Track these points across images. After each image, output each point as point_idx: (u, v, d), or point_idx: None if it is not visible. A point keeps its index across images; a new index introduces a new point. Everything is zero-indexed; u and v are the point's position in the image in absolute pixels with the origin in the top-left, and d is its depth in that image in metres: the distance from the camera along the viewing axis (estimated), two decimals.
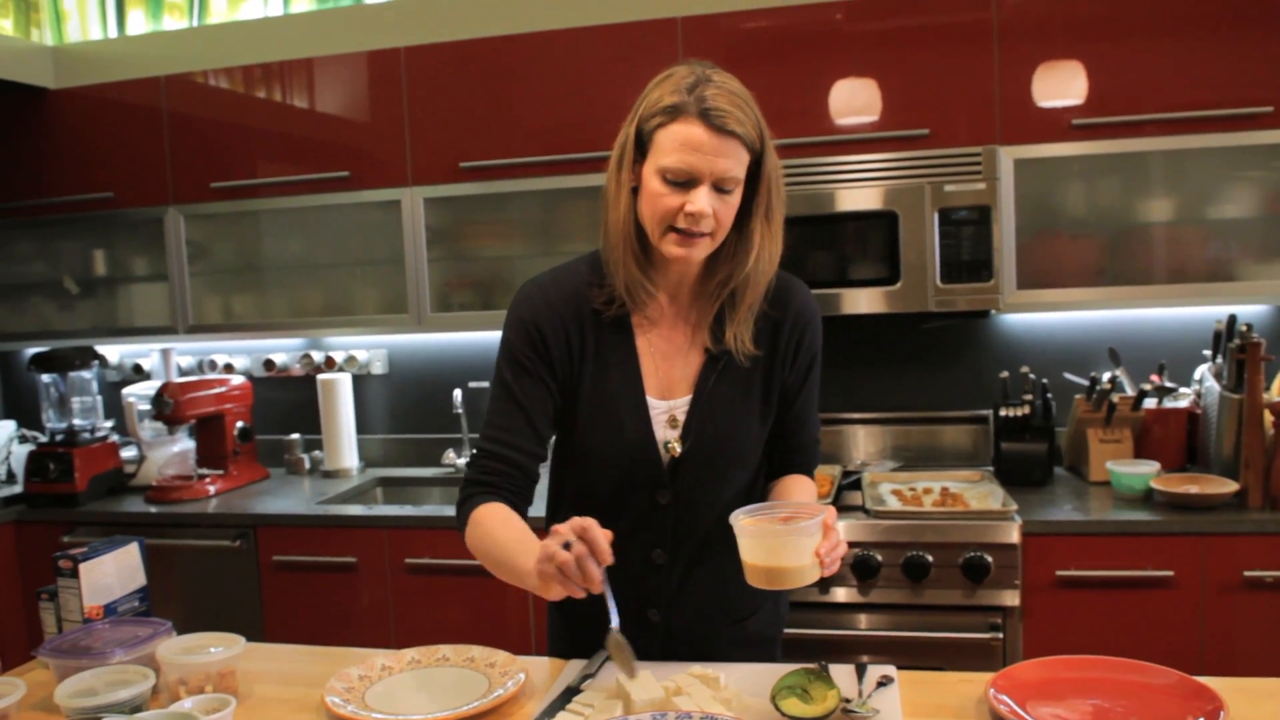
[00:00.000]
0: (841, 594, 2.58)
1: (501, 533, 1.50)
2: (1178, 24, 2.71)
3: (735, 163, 1.44)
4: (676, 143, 1.43)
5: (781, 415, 1.66)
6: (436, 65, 3.14)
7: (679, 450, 1.57)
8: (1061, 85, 2.77)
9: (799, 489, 1.66)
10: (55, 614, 1.77)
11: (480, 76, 3.11)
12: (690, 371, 1.60)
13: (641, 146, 1.49)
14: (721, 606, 1.67)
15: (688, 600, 1.64)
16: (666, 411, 1.59)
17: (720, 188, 1.45)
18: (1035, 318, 3.15)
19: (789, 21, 2.91)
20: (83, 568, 1.73)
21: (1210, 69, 2.69)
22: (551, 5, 3.23)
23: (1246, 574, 2.42)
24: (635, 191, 1.51)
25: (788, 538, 1.36)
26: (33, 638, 3.14)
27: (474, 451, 1.63)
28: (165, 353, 3.65)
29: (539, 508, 1.68)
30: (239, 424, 3.43)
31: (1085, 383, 2.94)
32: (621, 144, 1.51)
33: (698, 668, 1.50)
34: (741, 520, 1.38)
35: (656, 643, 1.65)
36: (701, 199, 1.43)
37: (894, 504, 2.66)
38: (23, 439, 3.53)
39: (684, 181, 1.44)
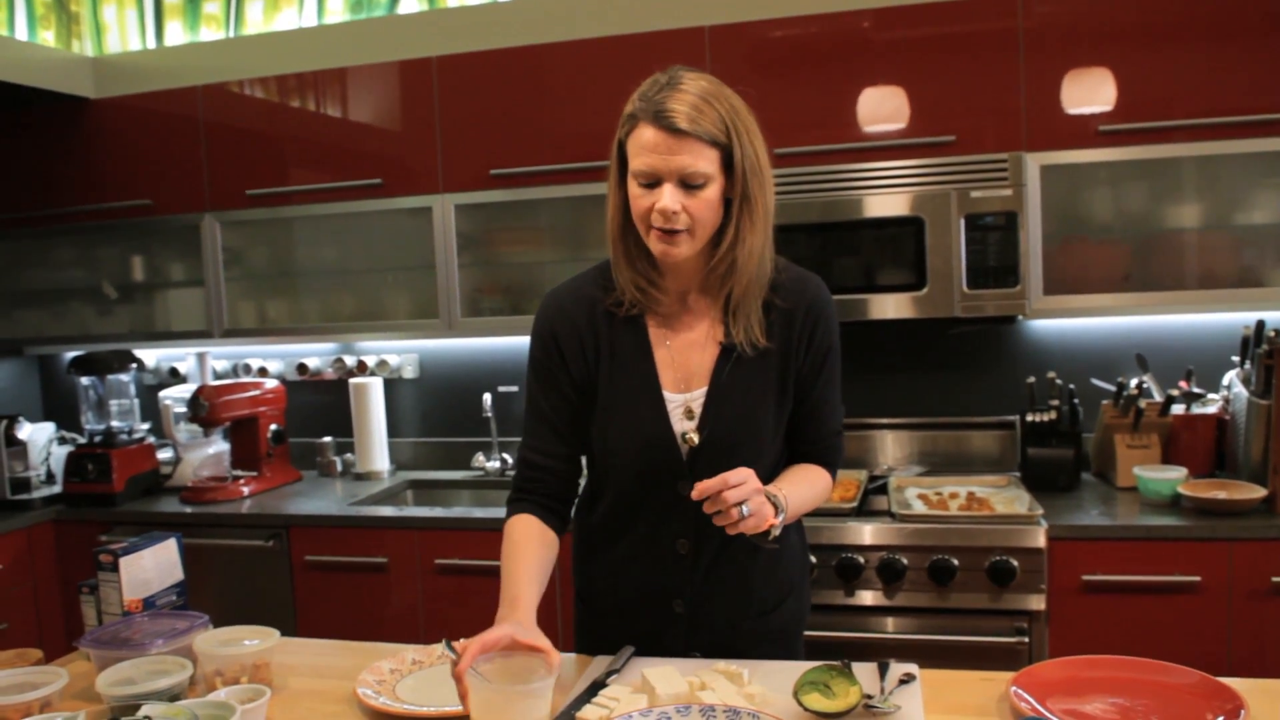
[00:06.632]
0: (868, 597, 2.59)
1: (507, 564, 1.59)
2: (1205, 30, 2.70)
3: (695, 159, 1.48)
4: (638, 147, 1.51)
5: (798, 407, 1.69)
6: (467, 74, 3.19)
7: (696, 440, 1.61)
8: (1088, 92, 2.77)
9: (803, 476, 1.68)
10: (96, 607, 1.82)
11: (510, 85, 3.16)
12: (706, 363, 1.64)
13: (623, 155, 1.57)
14: (745, 598, 1.69)
15: (712, 591, 1.66)
16: (683, 404, 1.63)
17: (688, 184, 1.50)
18: (1062, 323, 3.14)
19: (816, 30, 2.93)
20: (123, 562, 1.79)
21: (1238, 74, 2.69)
22: (581, 15, 3.27)
23: (1275, 580, 2.41)
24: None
25: (515, 700, 1.31)
26: (71, 631, 3.21)
27: (516, 460, 1.75)
28: (201, 356, 3.71)
29: None
30: (272, 427, 3.49)
31: (1113, 388, 2.93)
32: (611, 155, 1.60)
33: (721, 664, 1.53)
34: (475, 673, 1.32)
35: (681, 635, 1.68)
36: (666, 197, 1.49)
37: (920, 508, 2.67)
38: (62, 440, 3.60)
39: (651, 183, 1.51)
